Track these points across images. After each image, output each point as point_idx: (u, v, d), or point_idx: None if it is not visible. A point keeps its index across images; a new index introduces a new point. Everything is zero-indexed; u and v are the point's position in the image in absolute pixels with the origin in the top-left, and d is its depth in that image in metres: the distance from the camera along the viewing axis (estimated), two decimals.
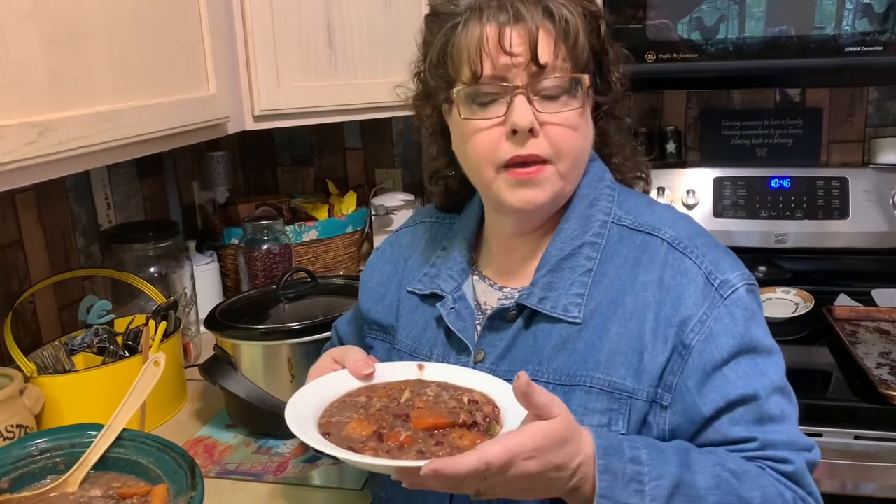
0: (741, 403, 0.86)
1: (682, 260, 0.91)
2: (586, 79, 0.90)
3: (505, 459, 0.71)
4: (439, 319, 0.99)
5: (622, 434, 0.87)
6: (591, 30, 0.91)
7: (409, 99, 1.04)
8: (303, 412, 0.84)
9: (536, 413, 0.75)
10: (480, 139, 0.90)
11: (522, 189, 0.89)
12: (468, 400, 0.87)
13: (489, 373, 0.92)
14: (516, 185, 0.89)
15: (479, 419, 0.83)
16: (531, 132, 0.87)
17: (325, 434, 0.81)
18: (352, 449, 0.78)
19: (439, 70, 0.94)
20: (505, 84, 0.88)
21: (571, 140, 0.90)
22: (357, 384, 0.92)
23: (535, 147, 0.88)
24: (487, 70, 0.88)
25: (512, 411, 0.83)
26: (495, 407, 0.86)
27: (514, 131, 0.87)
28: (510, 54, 0.87)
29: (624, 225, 0.95)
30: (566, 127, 0.89)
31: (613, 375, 0.88)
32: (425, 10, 0.98)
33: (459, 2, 0.91)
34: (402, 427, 0.82)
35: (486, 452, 0.71)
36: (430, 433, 0.81)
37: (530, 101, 0.87)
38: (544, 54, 0.87)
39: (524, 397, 0.74)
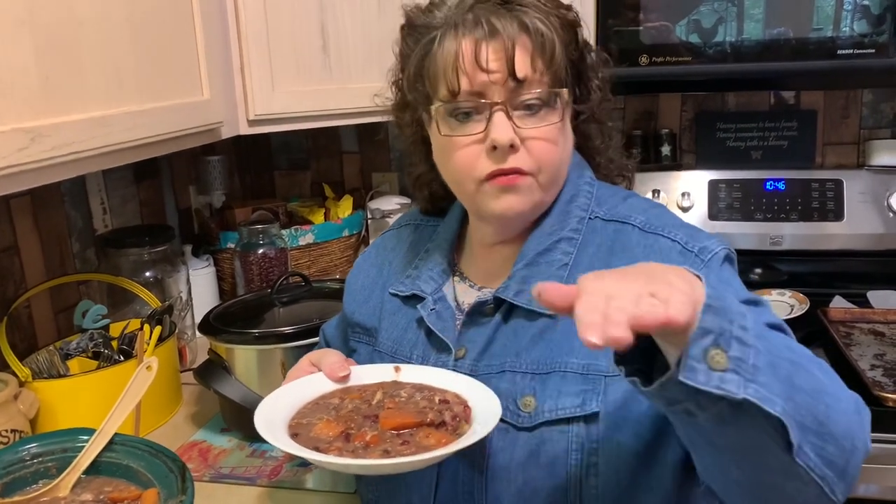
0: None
1: (656, 239, 0.91)
2: (565, 93, 0.90)
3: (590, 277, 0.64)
4: (420, 321, 1.00)
5: (596, 411, 0.86)
6: (570, 40, 0.92)
7: (388, 107, 1.05)
8: (273, 414, 0.85)
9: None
10: (461, 156, 0.90)
11: (505, 196, 0.90)
12: (439, 400, 0.88)
13: (470, 369, 0.93)
14: (499, 192, 0.90)
15: (447, 419, 0.83)
16: (511, 147, 0.87)
17: (294, 435, 0.82)
18: (318, 449, 0.79)
19: (417, 85, 0.94)
20: (483, 101, 0.88)
21: (551, 153, 0.90)
22: (332, 386, 0.92)
23: (515, 161, 0.88)
24: (465, 86, 0.88)
25: (483, 411, 0.84)
26: (467, 407, 0.86)
27: (495, 147, 0.87)
28: (487, 71, 0.87)
29: (598, 217, 0.96)
30: (546, 141, 0.89)
31: (588, 358, 0.88)
32: None
33: (435, 14, 0.91)
34: (369, 427, 0.83)
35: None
36: (397, 433, 0.82)
37: (509, 117, 0.87)
38: (521, 69, 0.87)
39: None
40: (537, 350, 0.91)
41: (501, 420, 0.87)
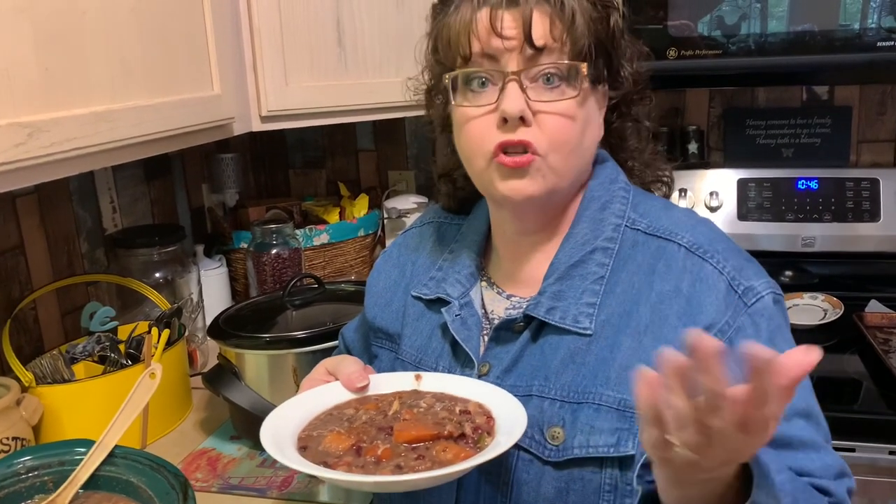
0: None
1: (702, 266, 0.84)
2: (584, 66, 0.84)
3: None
4: (445, 328, 0.93)
5: (631, 454, 0.81)
6: (599, 18, 0.85)
7: (421, 92, 0.99)
8: (282, 426, 0.80)
9: None
10: (472, 127, 0.85)
11: (512, 178, 0.84)
12: (460, 410, 0.82)
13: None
14: (506, 174, 0.84)
15: (467, 431, 0.78)
16: (522, 121, 0.81)
17: (303, 448, 0.77)
18: (325, 464, 0.73)
19: (436, 56, 0.90)
20: (496, 70, 0.83)
21: (566, 131, 0.84)
22: (349, 396, 0.87)
23: (525, 135, 0.82)
24: (476, 49, 0.83)
25: (508, 422, 0.78)
26: (490, 418, 0.80)
27: (505, 119, 0.82)
28: (502, 37, 0.81)
29: (638, 229, 0.89)
30: (561, 116, 0.83)
31: (625, 393, 0.82)
32: None
33: None
34: (382, 440, 0.77)
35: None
36: (412, 446, 0.76)
37: (523, 89, 0.82)
38: (539, 37, 0.81)
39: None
40: (568, 374, 0.84)
41: (525, 450, 0.83)
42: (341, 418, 0.83)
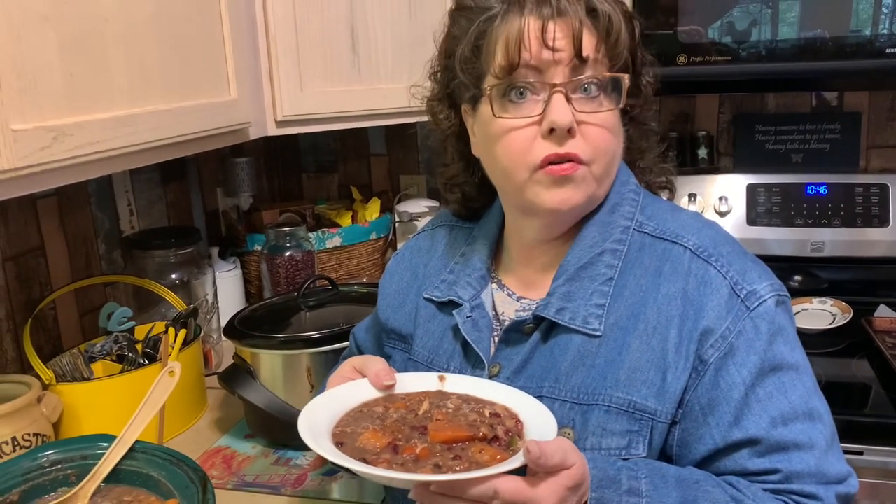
0: (761, 433, 0.81)
1: (706, 269, 0.86)
2: (626, 78, 0.86)
3: (514, 499, 0.69)
4: (456, 329, 0.95)
5: (643, 458, 0.83)
6: (629, 31, 0.88)
7: (425, 99, 1.01)
8: (317, 421, 0.81)
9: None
10: (514, 139, 0.86)
11: (560, 188, 0.85)
12: (490, 413, 0.83)
13: None
14: (553, 183, 0.85)
15: (500, 433, 0.79)
16: (569, 132, 0.83)
17: (339, 444, 0.78)
18: (364, 460, 0.75)
19: (470, 64, 0.89)
20: (542, 82, 0.84)
21: (607, 141, 0.86)
22: (375, 394, 0.88)
23: (572, 147, 0.83)
24: (525, 60, 0.83)
25: (535, 426, 0.79)
26: (518, 421, 0.82)
27: (552, 130, 0.83)
28: (552, 49, 0.83)
29: (645, 232, 0.91)
30: (603, 128, 0.85)
31: (634, 395, 0.83)
32: None
33: None
34: (418, 439, 0.78)
35: (501, 483, 0.69)
36: (448, 446, 0.77)
37: (569, 100, 0.83)
38: (587, 49, 0.83)
39: (539, 467, 0.70)
40: (578, 376, 0.86)
41: None
42: (372, 416, 0.84)
